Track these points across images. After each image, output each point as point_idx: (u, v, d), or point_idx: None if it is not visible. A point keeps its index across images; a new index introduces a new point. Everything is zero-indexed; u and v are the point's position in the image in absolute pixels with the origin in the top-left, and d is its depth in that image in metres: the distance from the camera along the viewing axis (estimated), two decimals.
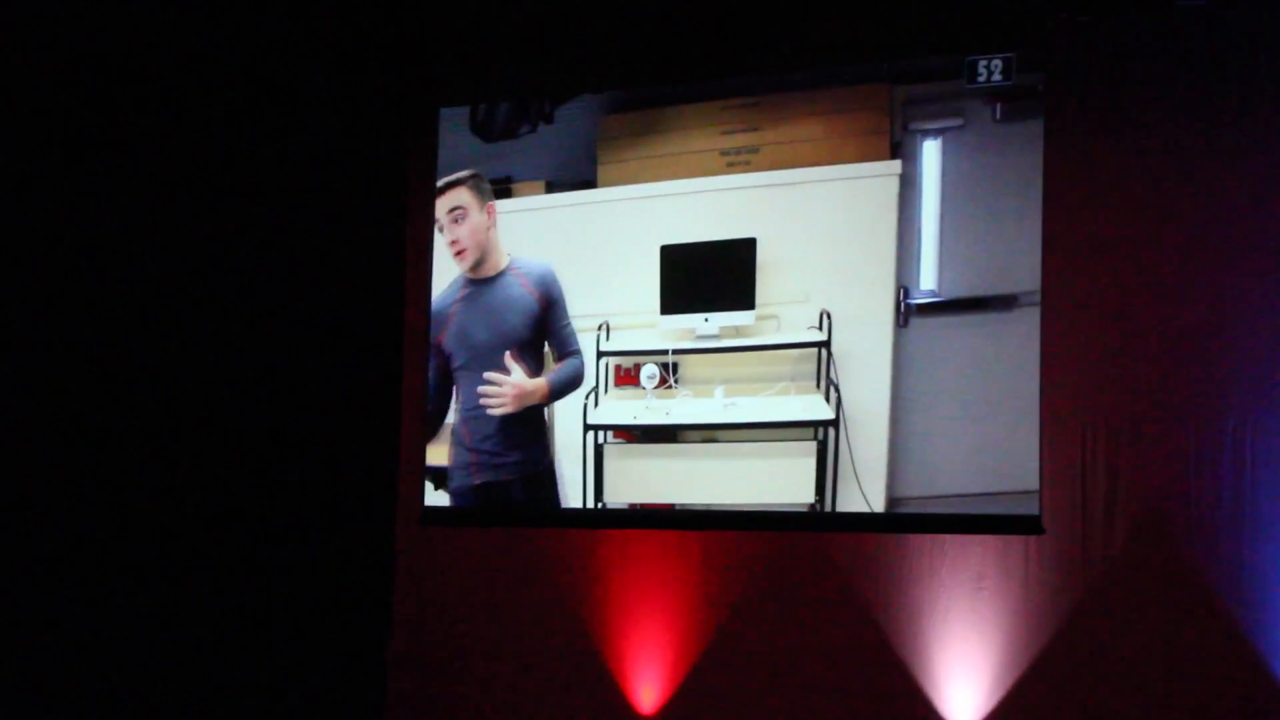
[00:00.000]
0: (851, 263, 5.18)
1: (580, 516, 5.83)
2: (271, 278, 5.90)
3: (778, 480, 5.38)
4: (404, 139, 6.43)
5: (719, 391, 5.46)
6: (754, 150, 5.30)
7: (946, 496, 4.99)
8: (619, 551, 5.89)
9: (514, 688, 6.03)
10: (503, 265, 5.86)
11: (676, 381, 5.45)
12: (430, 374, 6.07)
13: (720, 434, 5.48)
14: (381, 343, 6.34)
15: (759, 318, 5.39)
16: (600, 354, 5.56)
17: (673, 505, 5.53)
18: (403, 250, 6.41)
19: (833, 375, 5.23)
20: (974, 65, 4.99)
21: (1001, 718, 5.28)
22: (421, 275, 6.28)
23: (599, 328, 5.57)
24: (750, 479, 5.34)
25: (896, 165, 5.07)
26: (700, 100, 5.41)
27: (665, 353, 5.46)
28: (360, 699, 6.23)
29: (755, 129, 5.30)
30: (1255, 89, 5.18)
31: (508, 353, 5.78)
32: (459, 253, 5.87)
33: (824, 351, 5.26)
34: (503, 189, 5.82)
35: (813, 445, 5.21)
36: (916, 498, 5.05)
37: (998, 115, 5.02)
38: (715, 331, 5.49)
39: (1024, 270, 4.95)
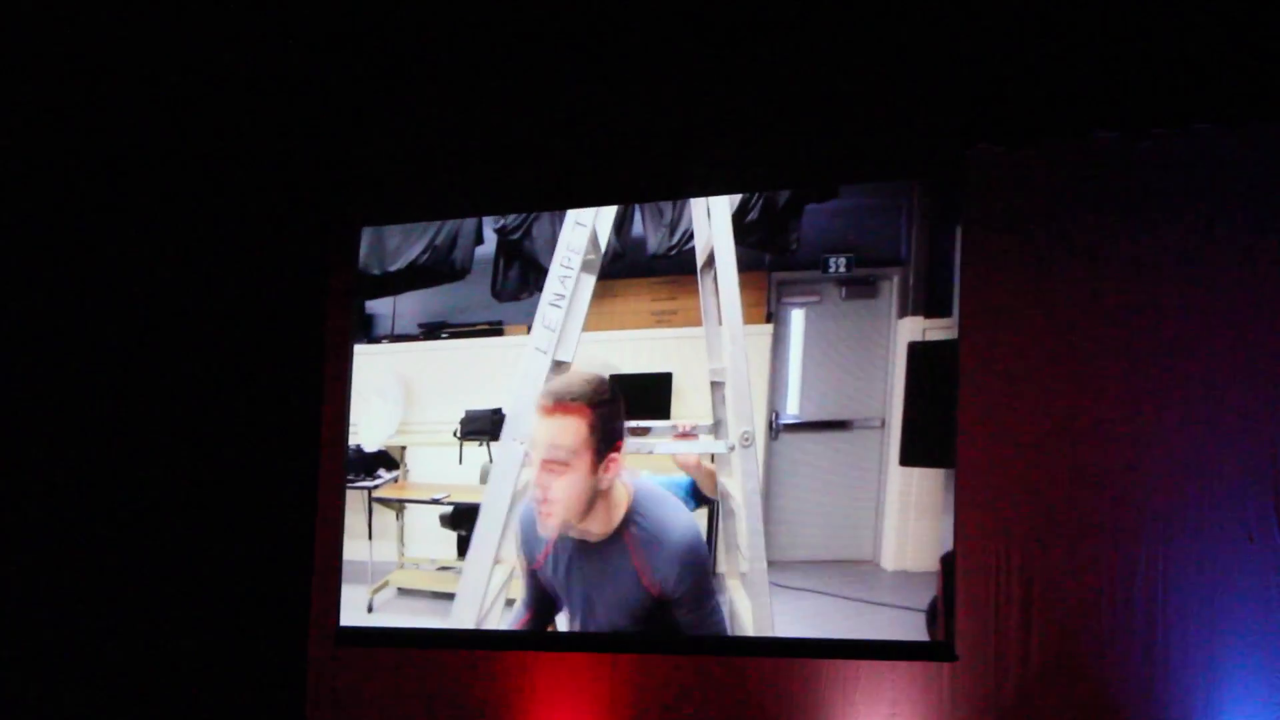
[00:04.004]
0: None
1: (496, 639, 6.21)
2: (185, 387, 6.20)
3: None
4: (325, 257, 6.73)
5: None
6: (674, 312, 6.63)
7: (804, 562, 6.21)
8: (534, 673, 6.05)
9: None
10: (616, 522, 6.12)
11: None
12: None
13: None
14: (296, 454, 6.56)
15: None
16: None
17: None
18: (320, 366, 6.62)
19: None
20: (826, 260, 6.30)
21: None
22: (339, 392, 6.56)
23: None
24: None
25: (770, 328, 6.42)
26: (639, 276, 6.75)
27: None
28: None
29: (674, 299, 6.65)
30: (1171, 221, 5.26)
31: None
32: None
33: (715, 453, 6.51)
34: (496, 330, 6.91)
35: (704, 514, 6.47)
36: (782, 561, 6.24)
37: (843, 295, 6.29)
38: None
39: (859, 402, 6.29)
